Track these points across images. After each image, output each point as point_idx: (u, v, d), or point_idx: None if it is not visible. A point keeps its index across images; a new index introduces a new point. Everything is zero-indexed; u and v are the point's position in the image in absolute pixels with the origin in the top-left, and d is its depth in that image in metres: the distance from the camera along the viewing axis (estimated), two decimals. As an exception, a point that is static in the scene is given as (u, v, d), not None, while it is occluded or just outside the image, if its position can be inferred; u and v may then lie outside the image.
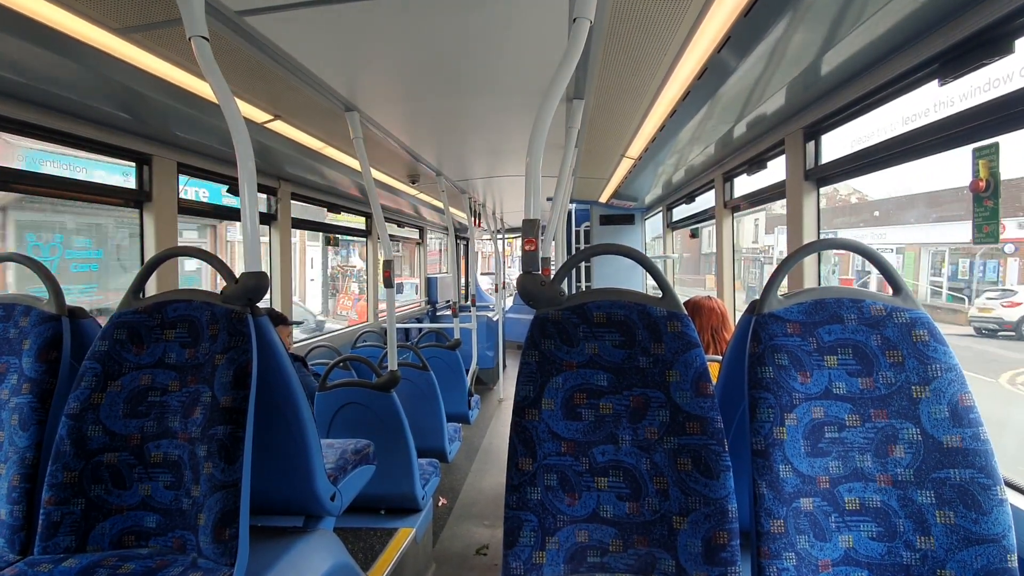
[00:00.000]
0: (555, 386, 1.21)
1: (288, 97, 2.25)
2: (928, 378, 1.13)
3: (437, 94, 2.30)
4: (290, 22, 1.58)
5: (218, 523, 1.19)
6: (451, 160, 3.79)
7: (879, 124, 1.98)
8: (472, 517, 3.50)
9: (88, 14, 1.50)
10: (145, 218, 2.56)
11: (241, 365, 1.28)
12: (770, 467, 1.10)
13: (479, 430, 5.30)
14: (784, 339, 1.18)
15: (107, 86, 1.89)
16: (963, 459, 1.09)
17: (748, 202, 3.14)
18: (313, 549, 1.60)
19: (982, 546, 1.05)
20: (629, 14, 1.59)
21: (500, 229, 8.12)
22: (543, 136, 1.28)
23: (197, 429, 1.27)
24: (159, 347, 1.38)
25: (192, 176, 2.87)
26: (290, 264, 3.84)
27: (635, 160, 3.57)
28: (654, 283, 1.27)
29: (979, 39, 1.36)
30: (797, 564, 1.07)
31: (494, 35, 1.73)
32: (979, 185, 1.41)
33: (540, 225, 1.31)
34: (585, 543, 1.16)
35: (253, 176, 1.40)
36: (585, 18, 1.30)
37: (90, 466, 1.31)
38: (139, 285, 1.45)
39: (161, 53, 1.76)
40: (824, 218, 2.29)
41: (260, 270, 1.37)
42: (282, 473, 1.59)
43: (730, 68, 1.83)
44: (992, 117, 1.37)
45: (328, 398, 2.56)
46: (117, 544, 1.29)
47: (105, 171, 3.85)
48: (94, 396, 1.34)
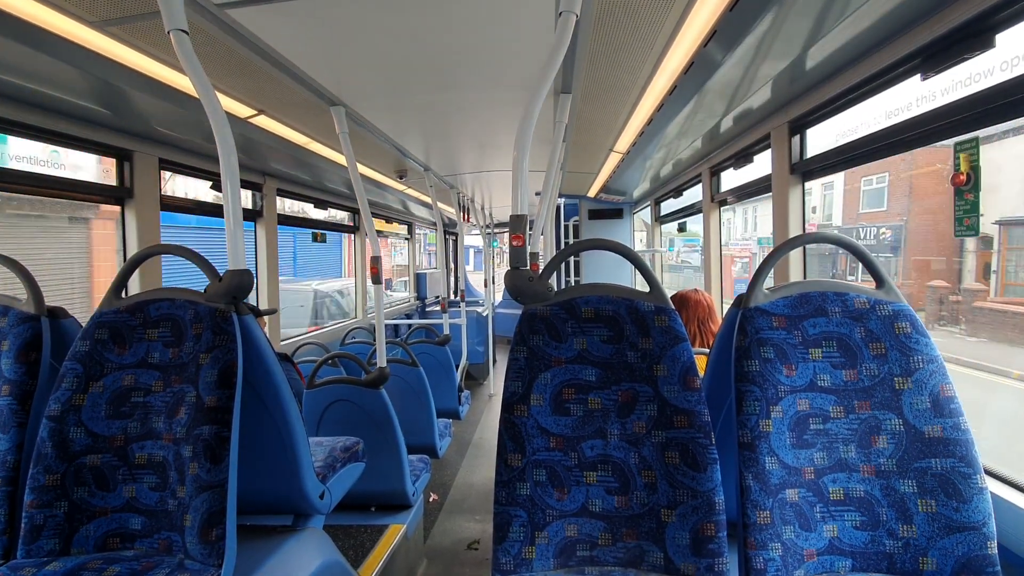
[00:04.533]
0: (544, 382, 1.21)
1: (272, 92, 2.22)
2: (910, 369, 1.15)
3: (423, 89, 2.28)
4: (273, 15, 1.56)
5: (204, 524, 1.18)
6: (439, 155, 3.77)
7: (863, 119, 2.00)
8: (463, 512, 3.50)
9: (63, 7, 1.46)
10: (127, 215, 2.51)
11: (226, 364, 1.27)
12: (756, 459, 1.12)
13: (469, 425, 5.30)
14: (770, 332, 1.19)
15: (85, 81, 1.85)
16: (944, 448, 1.11)
17: (735, 196, 3.16)
18: (302, 547, 1.59)
19: (963, 533, 1.07)
20: (615, 8, 1.58)
21: (489, 224, 8.10)
22: (530, 131, 1.27)
23: (182, 429, 1.26)
24: (142, 347, 1.36)
25: (175, 172, 2.82)
26: (277, 260, 3.79)
27: (623, 154, 3.58)
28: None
29: (960, 34, 1.37)
30: (783, 554, 1.08)
31: (481, 29, 1.72)
32: (960, 179, 1.43)
33: (528, 220, 1.31)
34: (574, 537, 1.16)
35: (236, 172, 1.37)
36: (571, 12, 1.30)
37: (73, 468, 1.29)
38: (120, 283, 1.43)
39: (141, 47, 1.73)
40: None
41: (243, 268, 1.35)
42: (270, 472, 1.58)
43: (716, 62, 1.84)
44: (973, 112, 1.39)
45: (317, 396, 2.54)
46: (102, 547, 1.27)
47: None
48: (75, 397, 1.31)
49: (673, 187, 4.40)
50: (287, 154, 3.15)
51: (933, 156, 7.03)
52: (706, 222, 3.56)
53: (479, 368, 7.09)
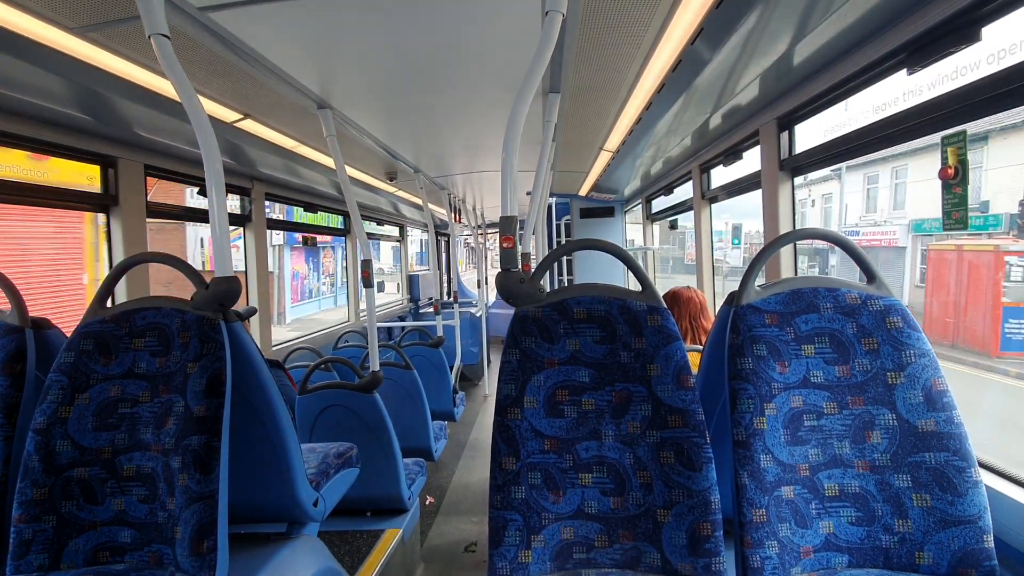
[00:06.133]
0: (537, 384, 1.20)
1: (258, 95, 2.20)
2: (902, 364, 1.15)
3: (411, 90, 2.27)
4: (255, 18, 1.53)
5: (195, 535, 1.17)
6: (429, 157, 3.75)
7: (851, 114, 2.01)
8: (460, 514, 3.49)
9: (41, 13, 1.43)
10: (112, 223, 2.48)
11: (214, 372, 1.25)
12: (751, 457, 1.11)
13: (465, 427, 5.29)
14: (762, 330, 1.19)
15: (66, 88, 1.82)
16: (938, 442, 1.11)
17: (725, 193, 3.17)
18: (297, 555, 1.58)
19: (958, 527, 1.07)
20: (601, 7, 1.58)
21: (481, 224, 8.09)
22: (518, 131, 1.26)
23: (171, 440, 1.24)
24: (128, 357, 1.34)
25: (161, 178, 2.78)
26: (266, 266, 3.76)
27: (613, 153, 3.58)
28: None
29: (946, 28, 1.38)
30: (780, 552, 1.08)
31: (467, 29, 1.70)
32: (948, 172, 1.43)
33: (518, 221, 1.30)
34: (571, 540, 1.16)
35: (221, 177, 1.36)
36: (557, 11, 1.29)
37: (60, 482, 1.26)
38: (105, 293, 1.40)
39: (122, 52, 1.70)
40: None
41: (231, 274, 1.34)
42: (262, 481, 1.56)
43: (704, 60, 1.83)
44: (960, 105, 1.39)
45: (309, 401, 2.52)
46: (92, 560, 1.25)
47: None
48: (61, 410, 1.29)
49: (664, 184, 4.41)
50: (275, 158, 3.12)
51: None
52: (697, 219, 3.57)
53: (474, 369, 7.07)
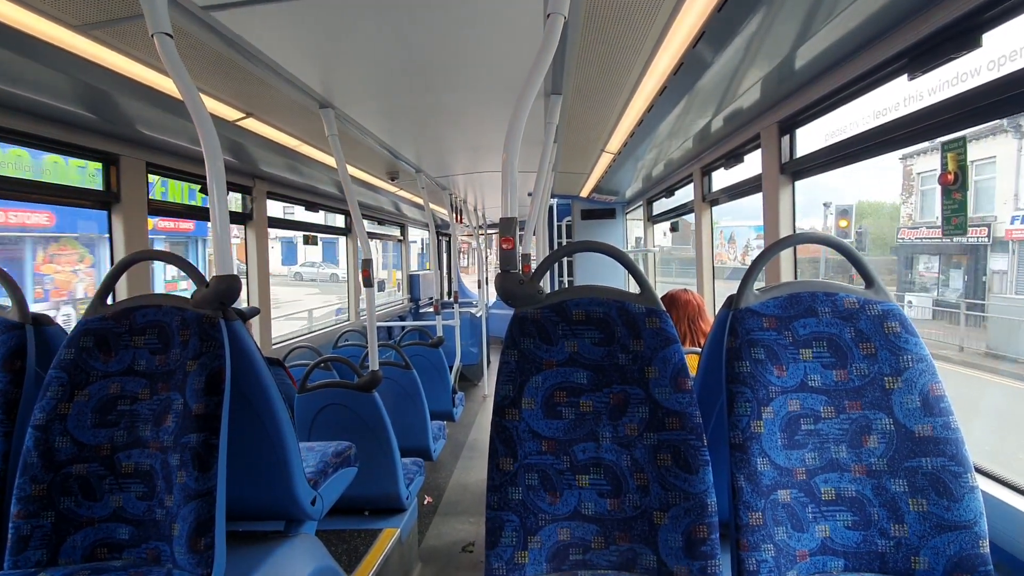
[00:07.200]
0: (535, 385, 1.21)
1: (260, 94, 2.20)
2: (900, 369, 1.15)
3: (414, 90, 2.27)
4: (259, 17, 1.54)
5: (193, 533, 1.17)
6: (430, 157, 3.75)
7: (852, 118, 2.01)
8: (458, 514, 3.49)
9: (44, 10, 1.44)
10: (113, 220, 2.48)
11: (214, 371, 1.25)
12: (748, 460, 1.12)
13: (464, 427, 5.29)
14: (760, 333, 1.19)
15: (69, 84, 1.83)
16: (934, 447, 1.11)
17: (726, 196, 3.17)
18: (294, 553, 1.58)
19: (955, 532, 1.07)
20: (604, 9, 1.58)
21: (482, 225, 8.09)
22: (519, 133, 1.26)
23: (169, 437, 1.24)
24: (128, 354, 1.34)
25: (163, 176, 2.79)
26: (267, 264, 3.76)
27: (614, 155, 3.58)
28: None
29: (947, 34, 1.38)
30: (776, 555, 1.08)
31: (469, 30, 1.71)
32: (948, 178, 1.44)
33: (518, 222, 1.30)
34: (567, 541, 1.16)
35: (222, 175, 1.36)
36: (559, 13, 1.29)
37: (59, 478, 1.27)
38: (106, 290, 1.41)
39: (125, 50, 1.71)
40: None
41: (231, 273, 1.34)
42: (260, 479, 1.56)
43: (706, 63, 1.84)
44: (960, 111, 1.39)
45: (309, 400, 2.52)
46: (90, 557, 1.25)
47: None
48: (60, 406, 1.29)
49: (665, 187, 4.41)
50: (277, 157, 3.13)
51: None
52: (698, 222, 3.57)
53: (473, 369, 7.07)
